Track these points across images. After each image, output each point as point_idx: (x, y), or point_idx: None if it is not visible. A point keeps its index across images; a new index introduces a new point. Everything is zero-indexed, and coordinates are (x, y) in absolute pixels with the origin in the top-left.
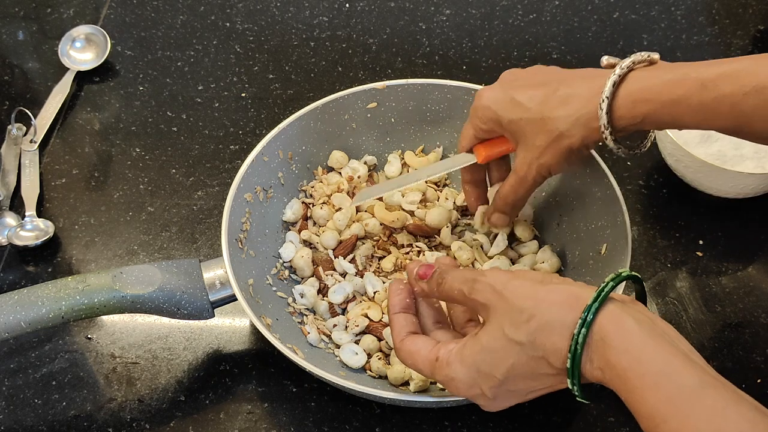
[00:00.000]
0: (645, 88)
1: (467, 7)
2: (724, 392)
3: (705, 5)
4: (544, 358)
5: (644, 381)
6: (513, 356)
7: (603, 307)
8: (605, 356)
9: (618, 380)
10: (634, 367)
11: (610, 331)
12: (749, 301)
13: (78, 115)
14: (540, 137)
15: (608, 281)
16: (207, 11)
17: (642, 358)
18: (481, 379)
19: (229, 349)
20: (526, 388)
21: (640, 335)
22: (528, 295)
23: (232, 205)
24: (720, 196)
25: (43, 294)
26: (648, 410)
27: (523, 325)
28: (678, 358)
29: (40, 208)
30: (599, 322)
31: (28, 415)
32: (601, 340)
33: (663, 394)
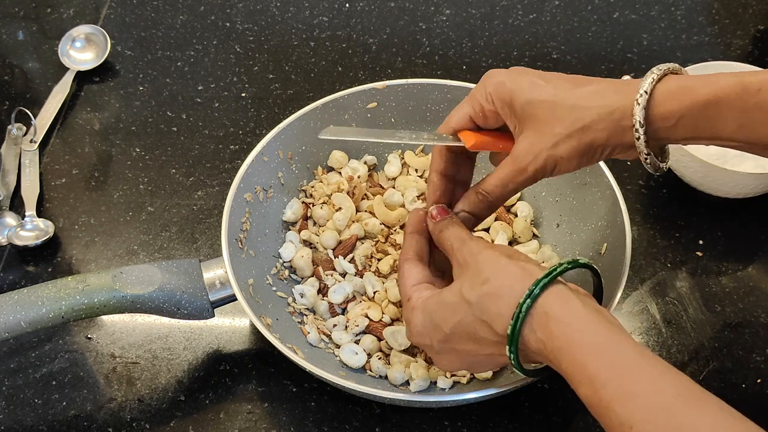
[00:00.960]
0: (684, 86)
1: (467, 7)
2: (663, 364)
3: (705, 5)
4: (487, 322)
5: (585, 349)
6: (461, 313)
7: (552, 285)
8: (548, 328)
9: (559, 352)
10: (575, 338)
11: (554, 306)
12: (749, 301)
13: (78, 115)
14: (560, 125)
15: (563, 263)
16: (207, 11)
17: (584, 330)
18: (432, 330)
19: (229, 349)
20: (468, 350)
21: (584, 312)
22: (491, 262)
23: (232, 205)
24: (720, 196)
25: (43, 294)
26: (588, 377)
27: (477, 287)
28: (619, 334)
29: (40, 208)
30: (545, 296)
31: (28, 415)
32: (544, 313)
33: (603, 361)
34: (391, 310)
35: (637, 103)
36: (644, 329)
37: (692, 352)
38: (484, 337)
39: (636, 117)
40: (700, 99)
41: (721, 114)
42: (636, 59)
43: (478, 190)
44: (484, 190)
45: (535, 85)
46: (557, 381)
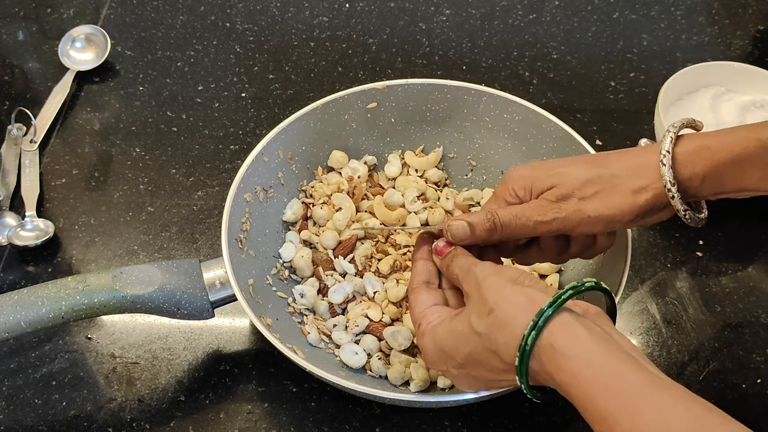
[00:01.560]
0: (701, 146)
1: (467, 7)
2: (674, 391)
3: (705, 5)
4: (496, 352)
5: (594, 384)
6: (471, 344)
7: (557, 314)
8: (555, 361)
9: (568, 386)
10: (583, 372)
11: (559, 338)
12: (749, 301)
13: (78, 115)
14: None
15: (567, 289)
16: (207, 11)
17: (592, 362)
18: (444, 358)
19: (229, 349)
20: (485, 376)
21: (590, 342)
22: (495, 290)
23: (232, 205)
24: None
25: (43, 294)
26: (600, 413)
27: (484, 317)
28: (628, 362)
29: (40, 208)
30: (549, 328)
31: (28, 415)
32: (549, 345)
33: (613, 396)
34: (391, 310)
35: (663, 164)
36: (644, 329)
37: (692, 352)
38: (496, 366)
39: (666, 177)
40: (719, 158)
41: (743, 171)
42: (636, 59)
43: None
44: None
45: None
46: None
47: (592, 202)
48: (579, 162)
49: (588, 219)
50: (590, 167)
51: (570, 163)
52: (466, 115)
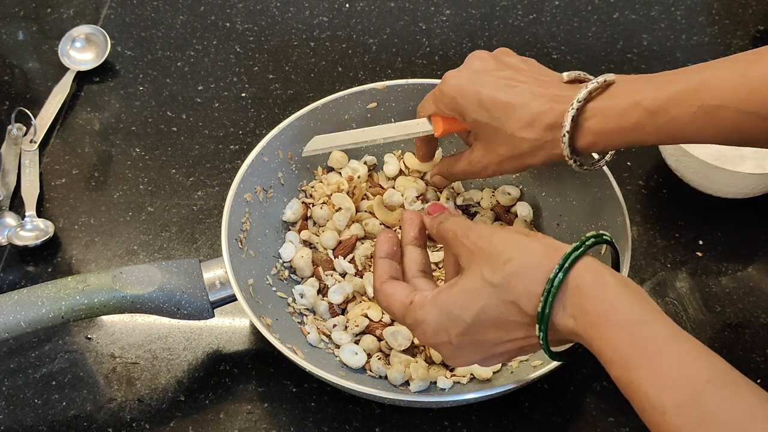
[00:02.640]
0: (601, 120)
1: (467, 7)
2: (696, 344)
3: (705, 5)
4: (515, 302)
5: (618, 329)
6: (485, 298)
7: (582, 258)
8: (580, 303)
9: (591, 328)
10: (609, 315)
11: (586, 280)
12: (749, 301)
13: (78, 115)
14: (503, 148)
15: (590, 236)
16: (207, 11)
17: (617, 307)
18: (450, 323)
19: (229, 349)
20: (493, 338)
21: (617, 287)
22: (510, 242)
23: (232, 205)
24: (720, 196)
25: (43, 294)
26: (620, 357)
27: (500, 268)
28: (652, 312)
29: (40, 208)
30: (577, 269)
31: (28, 415)
32: (576, 287)
33: (636, 342)
34: None
35: (563, 141)
36: None
37: None
38: (512, 320)
39: (564, 151)
40: (616, 130)
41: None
42: (636, 59)
43: (449, 168)
44: (450, 171)
45: (480, 105)
46: (557, 381)
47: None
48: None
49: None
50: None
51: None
52: None
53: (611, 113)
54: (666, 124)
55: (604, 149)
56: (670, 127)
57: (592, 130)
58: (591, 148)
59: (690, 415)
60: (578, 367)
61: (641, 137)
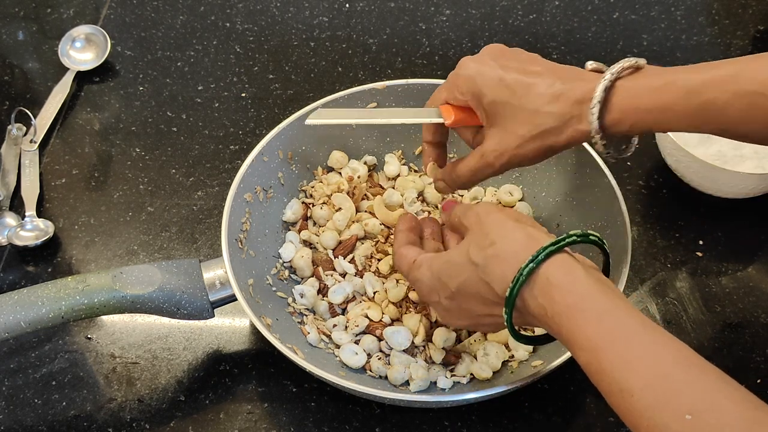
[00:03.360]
0: (633, 96)
1: (467, 8)
2: (662, 332)
3: (705, 5)
4: (489, 284)
5: (586, 315)
6: (466, 273)
7: (557, 254)
8: (549, 294)
9: (559, 317)
10: (577, 304)
11: (556, 273)
12: (749, 301)
13: (78, 115)
14: (524, 127)
15: (573, 234)
16: (207, 11)
17: (587, 298)
18: (439, 287)
19: (229, 349)
20: (475, 309)
21: (587, 280)
22: (498, 225)
23: (232, 205)
24: (720, 196)
25: (43, 294)
26: (588, 343)
27: (484, 249)
28: (621, 303)
29: (40, 208)
30: (549, 263)
31: (28, 415)
32: (546, 279)
33: (603, 327)
34: (391, 311)
35: (591, 113)
36: None
37: None
38: (487, 298)
39: (592, 126)
40: (648, 108)
41: (669, 117)
42: None
43: (453, 172)
44: (456, 174)
45: (502, 84)
46: (557, 381)
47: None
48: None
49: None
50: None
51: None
52: None
53: (643, 90)
54: (700, 107)
55: (630, 130)
56: (704, 111)
57: (621, 105)
58: (617, 127)
59: (656, 395)
60: (578, 367)
61: (673, 119)
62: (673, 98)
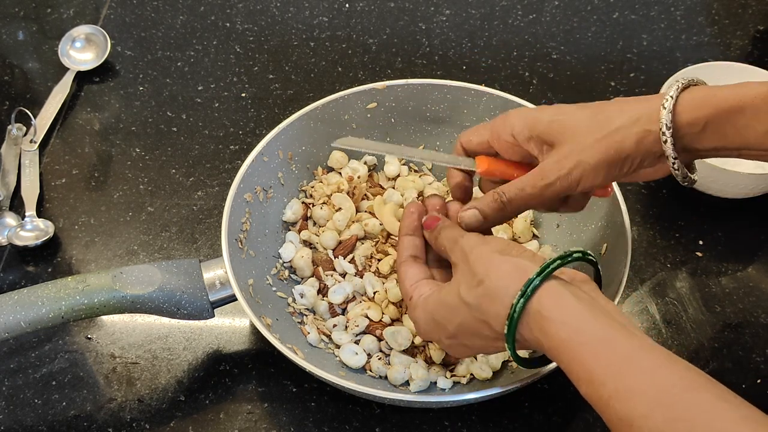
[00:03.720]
0: (709, 94)
1: (467, 8)
2: (659, 354)
3: (705, 5)
4: (486, 321)
5: (582, 349)
6: (462, 315)
7: (545, 283)
8: (543, 327)
9: (556, 350)
10: (572, 337)
11: (547, 305)
12: (749, 301)
13: (78, 115)
14: (588, 135)
15: (555, 259)
16: (207, 11)
17: (579, 328)
18: (437, 328)
19: (229, 349)
20: (477, 344)
21: (578, 309)
22: (483, 261)
23: (232, 205)
24: (720, 196)
25: (43, 294)
26: (587, 375)
27: (473, 289)
28: (614, 328)
29: (40, 208)
30: (538, 296)
31: (28, 415)
32: (537, 312)
33: (600, 358)
34: (391, 310)
35: (663, 107)
36: (644, 329)
37: (692, 353)
38: (487, 335)
39: (663, 120)
40: (725, 105)
41: (747, 120)
42: (636, 59)
43: (497, 191)
44: (502, 192)
45: (558, 110)
46: (557, 381)
47: (592, 152)
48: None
49: (589, 169)
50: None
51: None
52: (466, 115)
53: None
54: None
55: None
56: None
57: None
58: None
59: (656, 422)
60: None
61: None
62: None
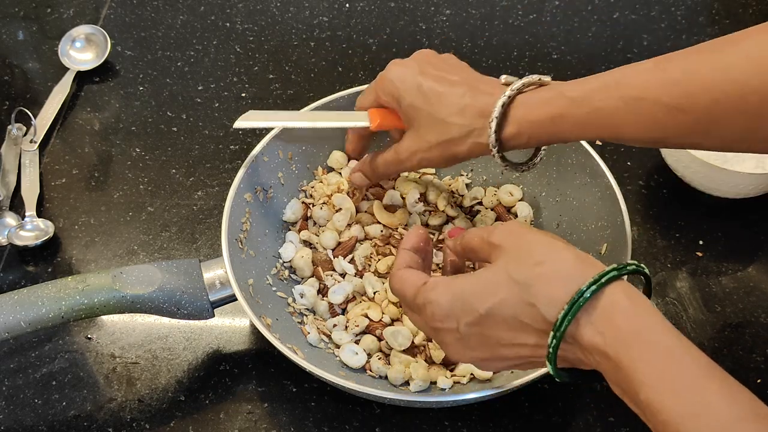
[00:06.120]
0: (527, 109)
1: (467, 7)
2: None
3: (705, 5)
4: (535, 305)
5: (655, 348)
6: (504, 292)
7: (618, 279)
8: (612, 319)
9: (623, 344)
10: (644, 333)
11: (621, 299)
12: (749, 301)
13: (78, 115)
14: (432, 134)
15: (632, 263)
16: (207, 11)
17: (655, 328)
18: (461, 310)
19: (229, 349)
20: (502, 336)
21: (654, 312)
22: (545, 245)
23: (232, 205)
24: (720, 196)
25: (43, 294)
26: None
27: (529, 268)
28: (686, 342)
29: (40, 208)
30: (614, 287)
31: (28, 415)
32: (610, 304)
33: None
34: (391, 310)
35: (489, 127)
36: None
37: None
38: (527, 323)
39: (490, 140)
40: (539, 120)
41: (561, 128)
42: (636, 59)
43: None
44: (374, 165)
45: (419, 91)
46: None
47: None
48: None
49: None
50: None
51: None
52: None
53: (536, 102)
54: (589, 116)
55: (527, 143)
56: (594, 120)
57: (517, 119)
58: (516, 140)
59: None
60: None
61: (565, 129)
62: (561, 109)
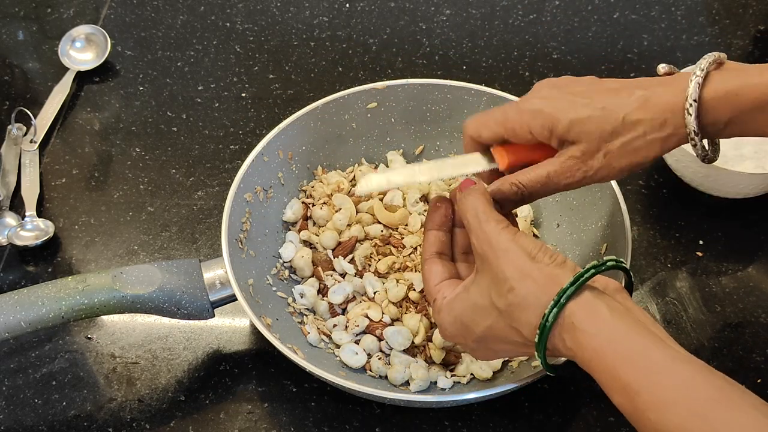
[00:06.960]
0: (730, 92)
1: (467, 7)
2: (694, 365)
3: (705, 5)
4: (517, 329)
5: (616, 358)
6: (491, 319)
7: (578, 294)
8: (576, 338)
9: (590, 361)
10: (605, 348)
11: (580, 317)
12: (749, 301)
13: (78, 115)
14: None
15: (589, 268)
16: (207, 11)
17: (613, 339)
18: (463, 331)
19: (229, 349)
20: (503, 348)
21: (612, 320)
22: (516, 266)
23: (232, 205)
24: (720, 196)
25: (43, 294)
26: (621, 385)
27: (504, 294)
28: (649, 338)
29: (40, 208)
30: (570, 307)
31: (28, 415)
32: (571, 323)
33: (634, 369)
34: (391, 310)
35: (689, 113)
36: None
37: (692, 352)
38: (516, 341)
39: (690, 127)
40: (746, 107)
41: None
42: (636, 59)
43: (514, 181)
44: (520, 182)
45: (577, 104)
46: (557, 381)
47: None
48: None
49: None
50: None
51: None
52: (466, 115)
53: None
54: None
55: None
56: None
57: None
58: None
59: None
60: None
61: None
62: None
